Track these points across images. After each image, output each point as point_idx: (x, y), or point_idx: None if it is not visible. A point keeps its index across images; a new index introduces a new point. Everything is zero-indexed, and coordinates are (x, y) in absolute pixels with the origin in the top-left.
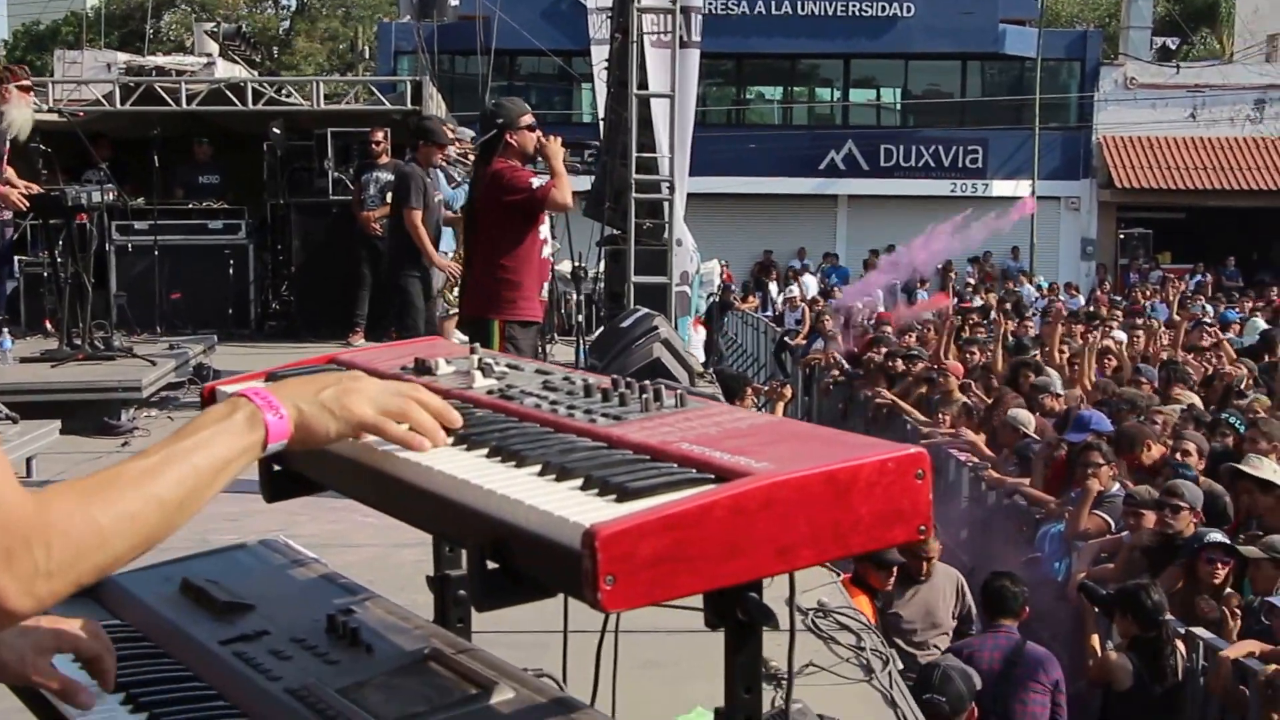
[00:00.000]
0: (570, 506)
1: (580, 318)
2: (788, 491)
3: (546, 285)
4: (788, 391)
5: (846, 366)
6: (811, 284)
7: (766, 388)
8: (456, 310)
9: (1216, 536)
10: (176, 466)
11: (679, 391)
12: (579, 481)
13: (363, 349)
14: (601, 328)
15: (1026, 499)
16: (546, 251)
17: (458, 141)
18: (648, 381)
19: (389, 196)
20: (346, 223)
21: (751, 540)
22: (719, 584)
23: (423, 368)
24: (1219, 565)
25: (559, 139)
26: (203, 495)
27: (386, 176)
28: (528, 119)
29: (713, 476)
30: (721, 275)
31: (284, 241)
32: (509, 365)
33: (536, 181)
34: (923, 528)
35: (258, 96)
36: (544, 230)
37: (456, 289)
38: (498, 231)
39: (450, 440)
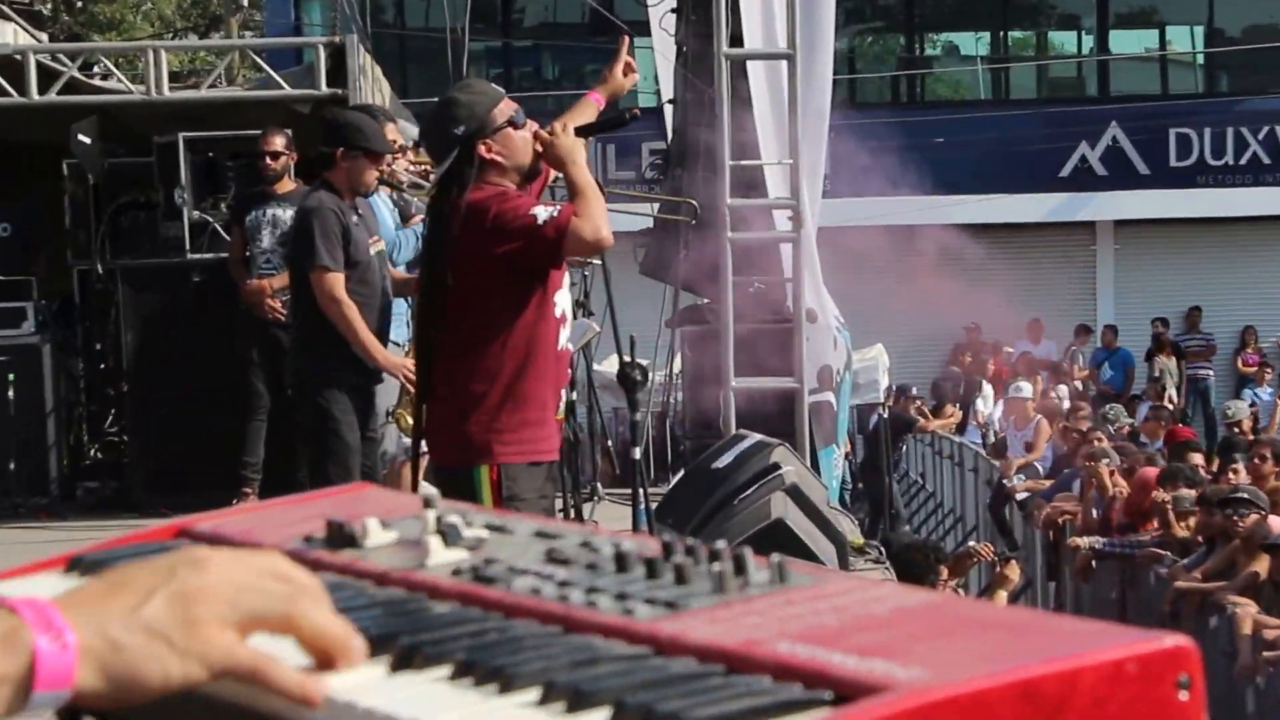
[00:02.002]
0: None
1: (639, 454)
2: (954, 715)
3: (569, 396)
4: (1014, 572)
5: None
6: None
7: (972, 555)
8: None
9: None
10: None
11: (776, 561)
12: (605, 714)
13: (238, 509)
14: (680, 472)
15: None
16: (567, 336)
17: (405, 151)
18: (722, 545)
19: None
20: (222, 300)
21: None
22: None
23: (340, 537)
24: None
25: (569, 125)
26: None
27: (289, 217)
28: (505, 107)
29: (829, 695)
30: (890, 371)
31: (106, 337)
32: (489, 526)
33: (543, 212)
34: None
35: (49, 78)
36: (562, 299)
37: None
38: (480, 307)
39: (380, 658)
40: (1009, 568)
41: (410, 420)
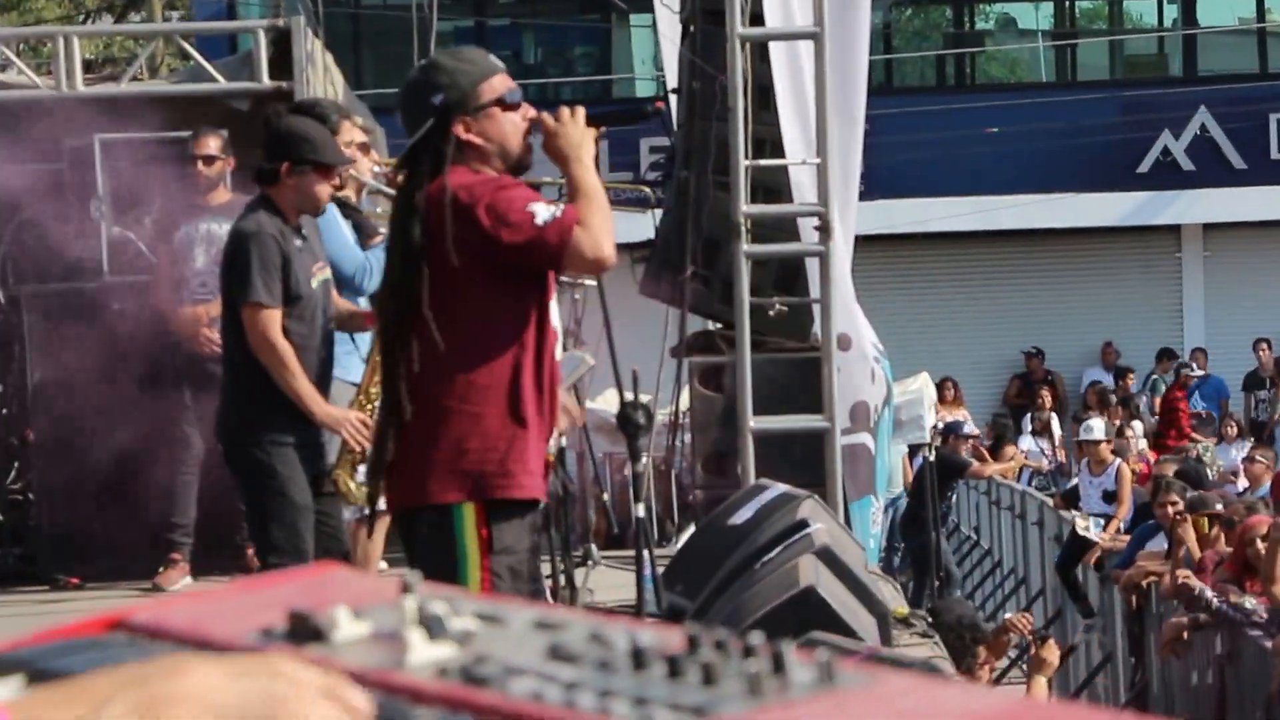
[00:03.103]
0: None
1: (642, 511)
2: None
3: (559, 441)
4: (1053, 655)
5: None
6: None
7: (1009, 630)
8: (381, 505)
9: None
10: None
11: (823, 659)
12: None
13: (183, 596)
14: (689, 529)
15: None
16: (566, 369)
17: (368, 150)
18: (757, 637)
19: None
20: (147, 332)
21: None
22: None
23: (305, 629)
24: None
25: (579, 111)
26: None
27: (226, 232)
28: (498, 83)
29: None
30: (936, 406)
31: (9, 376)
32: (480, 615)
33: (544, 211)
34: None
35: None
36: (554, 308)
37: (364, 464)
38: (462, 312)
39: None
40: (1047, 649)
41: (351, 483)
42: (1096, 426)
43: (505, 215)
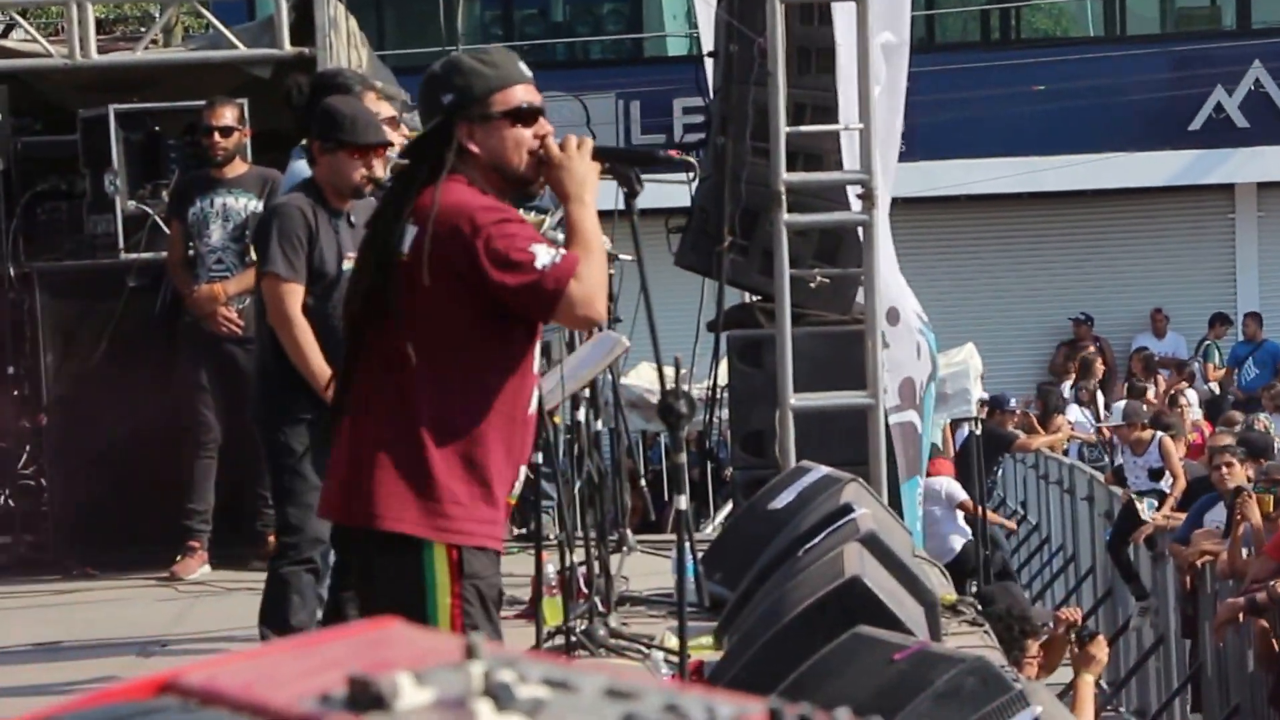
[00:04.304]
0: None
1: (685, 502)
2: None
3: (594, 425)
4: (1102, 651)
5: None
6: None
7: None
8: None
9: None
10: None
11: None
12: None
13: (234, 655)
14: (725, 509)
15: None
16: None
17: (397, 125)
18: (844, 713)
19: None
20: (163, 310)
21: None
22: None
23: (365, 697)
24: None
25: (587, 143)
26: None
27: (243, 206)
28: (517, 94)
29: None
30: (983, 377)
31: (21, 358)
32: (549, 682)
33: (545, 254)
34: None
35: None
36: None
37: None
38: (434, 347)
39: None
40: (1095, 645)
41: None
42: (1118, 410)
43: (506, 253)
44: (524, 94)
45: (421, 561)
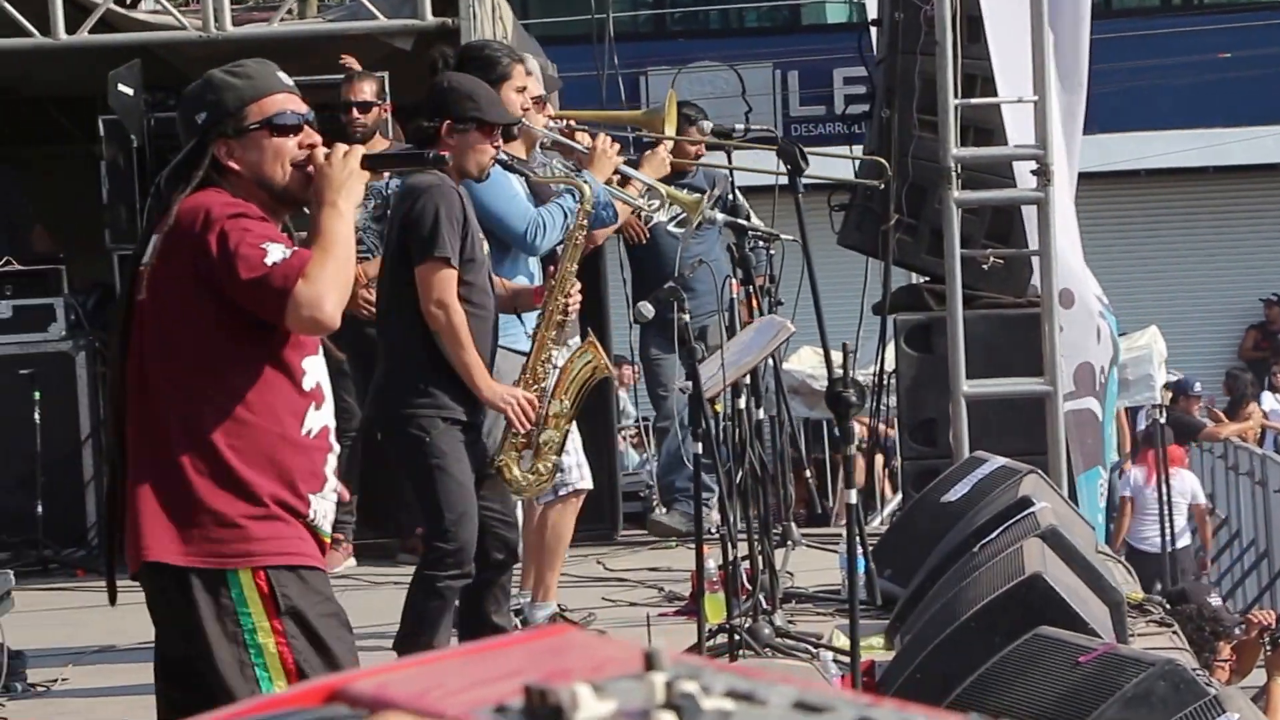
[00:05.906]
0: None
1: (855, 495)
2: None
3: (756, 414)
4: None
5: None
6: None
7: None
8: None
9: None
10: None
11: None
12: None
13: (404, 663)
14: (894, 501)
15: None
16: (324, 416)
17: (544, 105)
18: None
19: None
20: None
21: None
22: None
23: (543, 708)
24: None
25: (356, 151)
26: None
27: (384, 185)
28: (273, 103)
29: None
30: (1167, 362)
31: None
32: (734, 694)
33: (276, 251)
34: None
35: (79, 13)
36: (313, 367)
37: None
38: (184, 361)
39: None
40: None
41: (516, 470)
42: None
43: (237, 246)
44: (282, 102)
45: (219, 593)
